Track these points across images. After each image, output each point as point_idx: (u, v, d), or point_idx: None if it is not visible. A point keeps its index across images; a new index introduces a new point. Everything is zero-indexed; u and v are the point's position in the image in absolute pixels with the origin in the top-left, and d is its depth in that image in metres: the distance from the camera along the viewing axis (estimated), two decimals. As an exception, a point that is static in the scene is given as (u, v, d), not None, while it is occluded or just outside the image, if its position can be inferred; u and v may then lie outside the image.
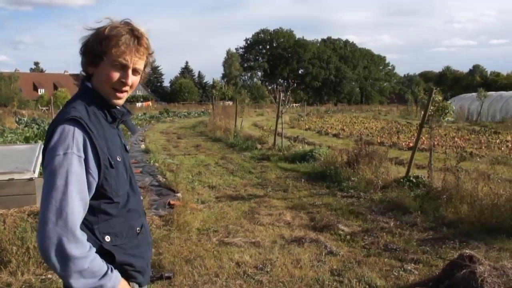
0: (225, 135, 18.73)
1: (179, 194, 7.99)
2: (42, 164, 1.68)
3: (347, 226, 6.30)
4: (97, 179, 1.63)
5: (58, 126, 1.60)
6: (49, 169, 1.55)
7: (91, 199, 1.62)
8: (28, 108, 42.69)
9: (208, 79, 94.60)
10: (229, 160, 12.64)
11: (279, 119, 15.20)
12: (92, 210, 1.64)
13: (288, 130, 21.84)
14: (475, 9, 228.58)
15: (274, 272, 4.66)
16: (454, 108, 8.91)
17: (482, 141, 16.68)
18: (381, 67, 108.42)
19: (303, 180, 9.57)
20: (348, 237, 5.85)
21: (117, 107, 1.80)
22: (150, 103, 68.61)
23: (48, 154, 1.58)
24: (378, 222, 6.47)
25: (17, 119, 27.12)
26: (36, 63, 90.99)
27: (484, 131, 21.92)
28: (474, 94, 35.42)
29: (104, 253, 1.65)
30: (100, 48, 1.67)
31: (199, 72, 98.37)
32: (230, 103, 31.78)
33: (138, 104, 63.60)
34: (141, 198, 1.92)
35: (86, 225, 1.63)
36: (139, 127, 27.45)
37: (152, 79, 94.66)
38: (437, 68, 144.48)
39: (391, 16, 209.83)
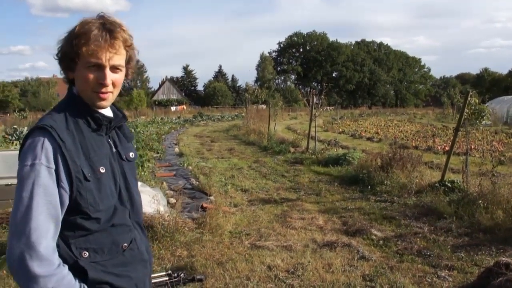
0: (259, 138, 18.80)
1: (212, 197, 8.07)
2: None
3: (380, 230, 6.24)
4: (69, 192, 1.50)
5: (29, 134, 1.52)
6: (18, 180, 1.46)
7: (67, 213, 1.52)
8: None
9: (241, 82, 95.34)
10: (262, 164, 12.69)
11: (312, 122, 15.18)
12: (68, 224, 1.53)
13: (322, 133, 21.77)
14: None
15: (305, 276, 4.66)
16: (491, 111, 8.72)
17: (522, 145, 16.23)
18: (416, 69, 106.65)
19: (336, 184, 9.53)
20: (381, 242, 5.80)
21: (103, 112, 1.66)
22: (184, 106, 69.51)
23: (19, 164, 1.48)
24: (412, 227, 6.39)
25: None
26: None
27: (524, 134, 21.30)
28: (514, 96, 34.55)
29: (79, 270, 1.53)
30: (72, 49, 1.54)
31: (233, 75, 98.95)
32: (264, 106, 31.84)
33: (173, 108, 64.67)
34: (140, 209, 1.82)
35: (63, 239, 1.53)
36: (173, 130, 27.80)
37: (186, 83, 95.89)
38: (475, 70, 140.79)
39: (427, 17, 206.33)
